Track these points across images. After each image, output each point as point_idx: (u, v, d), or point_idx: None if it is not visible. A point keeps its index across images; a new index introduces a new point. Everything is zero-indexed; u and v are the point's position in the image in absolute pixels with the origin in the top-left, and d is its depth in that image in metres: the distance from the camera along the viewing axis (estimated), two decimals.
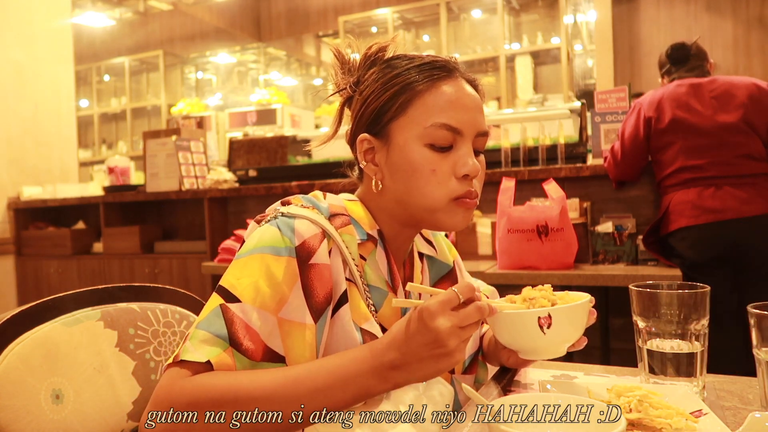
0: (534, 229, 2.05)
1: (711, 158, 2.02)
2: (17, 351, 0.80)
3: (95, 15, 7.01)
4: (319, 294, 0.74)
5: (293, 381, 0.67)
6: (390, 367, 0.67)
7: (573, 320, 0.72)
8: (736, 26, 5.18)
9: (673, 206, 2.05)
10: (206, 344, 0.69)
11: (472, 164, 0.79)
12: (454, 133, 0.79)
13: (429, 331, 0.64)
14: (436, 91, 0.81)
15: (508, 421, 0.61)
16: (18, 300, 3.66)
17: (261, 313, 0.71)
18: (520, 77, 5.81)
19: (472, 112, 0.81)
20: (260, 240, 0.76)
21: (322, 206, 0.82)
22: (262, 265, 0.73)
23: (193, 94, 7.87)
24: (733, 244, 1.98)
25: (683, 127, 2.05)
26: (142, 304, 0.98)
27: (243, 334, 0.70)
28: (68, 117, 4.07)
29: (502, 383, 0.87)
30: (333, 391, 0.67)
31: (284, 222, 0.77)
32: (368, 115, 0.84)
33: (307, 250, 0.75)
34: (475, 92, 0.84)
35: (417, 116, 0.80)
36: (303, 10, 7.34)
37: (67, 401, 0.83)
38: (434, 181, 0.79)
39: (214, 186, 3.14)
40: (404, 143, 0.80)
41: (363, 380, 0.67)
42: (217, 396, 0.66)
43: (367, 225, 0.83)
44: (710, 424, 0.63)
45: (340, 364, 0.68)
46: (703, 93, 2.08)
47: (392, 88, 0.82)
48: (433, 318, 0.64)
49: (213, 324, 0.70)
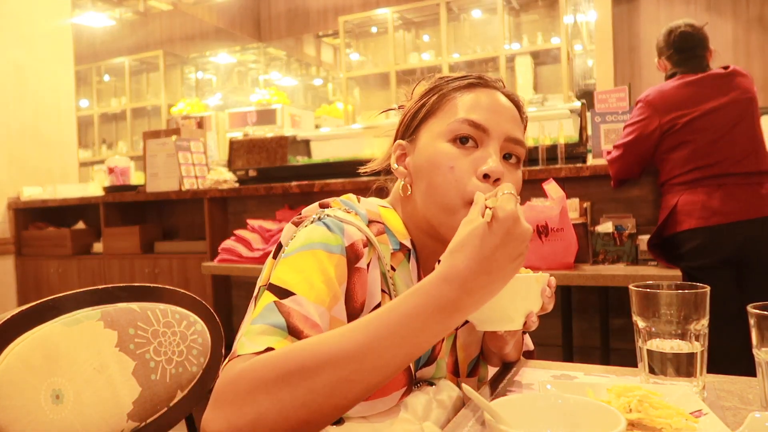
0: (534, 229, 2.04)
1: (721, 156, 2.02)
2: (17, 351, 0.80)
3: (95, 15, 7.00)
4: (358, 300, 0.73)
5: (365, 333, 0.59)
6: (473, 292, 0.60)
7: (516, 292, 0.71)
8: (736, 26, 5.18)
9: (681, 206, 2.04)
10: (264, 335, 0.63)
11: (493, 165, 0.75)
12: (478, 129, 0.77)
13: (516, 238, 0.60)
14: (467, 94, 0.80)
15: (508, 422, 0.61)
16: (18, 300, 3.66)
17: (317, 307, 0.67)
18: (520, 77, 5.81)
19: (503, 116, 0.79)
20: (309, 237, 0.73)
21: (361, 212, 0.80)
22: (315, 261, 0.70)
23: (193, 94, 7.87)
24: (740, 246, 1.98)
25: (696, 127, 2.06)
26: (142, 304, 0.98)
27: (303, 324, 0.65)
28: (68, 117, 4.07)
29: (502, 383, 0.87)
30: (413, 335, 0.59)
31: (333, 222, 0.75)
32: (405, 123, 0.85)
33: (355, 252, 0.74)
34: (510, 103, 0.82)
35: (444, 115, 0.80)
36: (303, 10, 7.34)
37: (67, 401, 0.83)
38: (452, 179, 0.76)
39: (214, 186, 3.14)
40: (429, 140, 0.80)
41: (441, 317, 0.59)
42: (283, 368, 0.58)
43: (401, 234, 0.82)
44: (710, 424, 0.63)
45: (414, 304, 0.60)
46: (713, 89, 2.09)
47: (426, 96, 0.83)
48: (517, 223, 0.60)
49: (268, 317, 0.65)
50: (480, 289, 0.60)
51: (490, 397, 0.81)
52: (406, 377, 0.77)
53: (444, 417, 0.79)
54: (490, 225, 0.60)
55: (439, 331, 0.61)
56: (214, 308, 0.99)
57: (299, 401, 0.57)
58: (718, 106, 2.07)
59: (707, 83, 2.11)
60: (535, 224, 2.04)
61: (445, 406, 0.80)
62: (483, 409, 0.61)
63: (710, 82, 2.11)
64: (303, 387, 0.57)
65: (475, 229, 0.60)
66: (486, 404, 0.60)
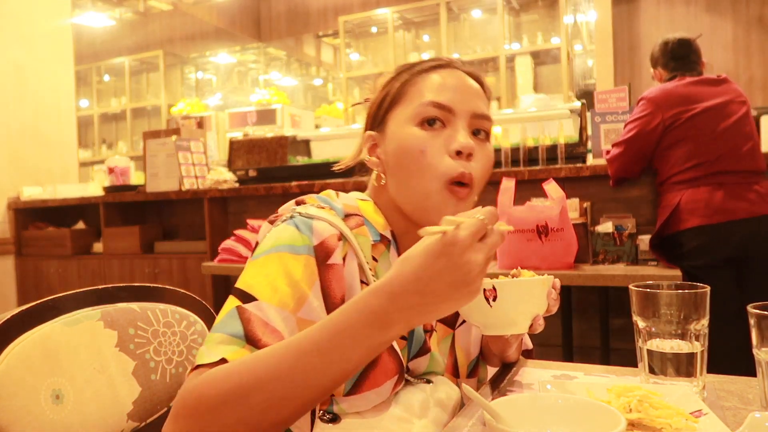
0: (534, 229, 2.05)
1: (721, 152, 2.04)
2: (17, 351, 0.80)
3: (95, 15, 7.00)
4: (337, 295, 0.73)
5: (296, 348, 0.60)
6: (404, 311, 0.57)
7: (521, 296, 0.73)
8: (736, 26, 5.17)
9: (683, 204, 2.05)
10: (222, 344, 0.65)
11: (463, 140, 0.77)
12: (444, 110, 0.78)
13: (460, 268, 0.56)
14: (427, 76, 0.81)
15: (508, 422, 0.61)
16: (18, 300, 3.66)
17: (280, 311, 0.68)
18: (520, 77, 5.81)
19: (464, 92, 0.80)
20: (277, 239, 0.73)
21: (336, 206, 0.80)
22: (280, 264, 0.71)
23: (193, 94, 7.86)
24: (742, 244, 1.99)
25: (697, 123, 2.07)
26: (142, 304, 0.98)
27: (262, 331, 0.66)
28: (68, 117, 4.07)
29: (502, 383, 0.87)
30: (342, 348, 0.59)
31: (302, 221, 0.75)
32: (372, 115, 0.86)
33: (325, 250, 0.73)
34: (474, 82, 0.83)
35: (408, 100, 0.80)
36: (303, 10, 7.34)
37: (67, 401, 0.83)
38: (425, 161, 0.77)
39: (214, 186, 3.14)
40: (396, 128, 0.81)
41: (370, 331, 0.58)
42: (222, 388, 0.60)
43: (380, 225, 0.82)
44: (710, 424, 0.63)
45: (343, 319, 0.59)
46: (711, 89, 2.13)
47: (389, 84, 0.84)
48: (465, 252, 0.56)
49: (228, 325, 0.67)
50: (409, 308, 0.57)
51: (490, 397, 0.81)
52: (396, 366, 0.76)
53: (442, 416, 0.79)
54: (440, 246, 0.57)
55: (371, 346, 0.59)
56: (214, 308, 0.99)
57: (238, 418, 0.59)
58: (718, 105, 2.10)
59: (706, 84, 2.16)
60: (535, 224, 2.05)
61: (444, 405, 0.80)
62: (483, 409, 0.61)
63: (708, 83, 2.16)
64: (241, 405, 0.59)
65: (427, 246, 0.57)
66: (486, 404, 0.60)
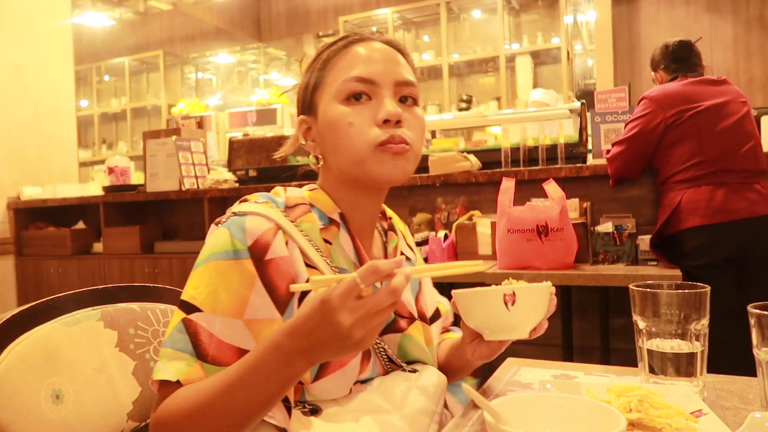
0: (534, 229, 2.05)
1: (722, 151, 2.04)
2: (17, 351, 0.80)
3: (95, 15, 7.00)
4: (281, 287, 0.74)
5: (226, 384, 0.66)
6: (300, 352, 0.62)
7: (536, 301, 0.76)
8: (736, 26, 5.17)
9: (684, 204, 2.04)
10: (175, 361, 0.69)
11: (390, 108, 0.78)
12: (367, 83, 0.79)
13: (330, 325, 0.59)
14: (346, 52, 0.82)
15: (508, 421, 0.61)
16: (18, 300, 3.66)
17: (224, 320, 0.71)
18: (520, 77, 5.81)
19: (385, 62, 0.81)
20: (212, 247, 0.75)
21: (278, 200, 0.81)
22: (217, 273, 0.73)
23: (193, 94, 7.86)
24: (742, 244, 1.99)
25: (699, 121, 2.08)
26: (142, 304, 0.98)
27: (208, 343, 0.70)
28: (68, 117, 4.07)
29: (502, 383, 0.87)
30: (256, 382, 0.64)
31: (235, 223, 0.76)
32: (300, 100, 0.87)
33: (261, 247, 0.74)
34: (392, 49, 0.84)
35: (331, 79, 0.82)
36: (303, 10, 7.34)
37: (67, 401, 0.83)
38: (353, 133, 0.78)
39: (214, 186, 3.14)
40: (324, 107, 0.82)
41: (278, 366, 0.64)
42: (174, 417, 0.67)
43: (328, 209, 0.83)
44: (710, 424, 0.63)
45: (257, 356, 0.65)
46: (714, 88, 2.14)
47: (312, 67, 0.85)
48: (334, 312, 0.59)
49: (177, 340, 0.70)
50: (303, 349, 0.62)
51: (490, 397, 0.81)
52: None
53: (425, 403, 0.80)
54: (317, 303, 0.61)
55: (281, 379, 0.64)
56: None
57: None
58: (719, 104, 2.10)
59: (707, 84, 2.16)
60: (535, 224, 2.05)
61: (427, 392, 0.81)
62: (483, 409, 0.61)
63: (709, 83, 2.17)
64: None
65: (312, 297, 0.63)
66: (486, 404, 0.60)
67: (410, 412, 0.78)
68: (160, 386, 0.70)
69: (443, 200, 2.60)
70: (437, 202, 2.61)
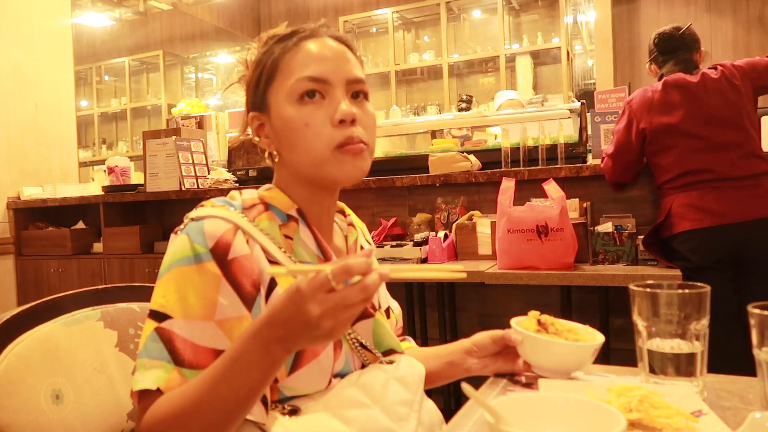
0: (534, 229, 2.05)
1: (711, 162, 2.01)
2: (17, 351, 0.80)
3: (95, 15, 6.99)
4: (246, 284, 0.75)
5: (209, 381, 0.67)
6: (277, 341, 0.64)
7: (579, 357, 0.85)
8: (736, 26, 5.17)
9: (675, 209, 2.04)
10: (153, 369, 0.70)
11: (345, 108, 0.79)
12: (319, 83, 0.80)
13: (302, 314, 0.61)
14: (297, 50, 0.82)
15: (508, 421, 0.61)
16: (18, 300, 3.66)
17: (196, 323, 0.71)
18: (520, 77, 5.81)
19: (335, 60, 0.81)
20: (174, 254, 0.76)
21: (234, 203, 0.82)
22: (183, 278, 0.73)
23: (193, 94, 7.86)
24: (735, 247, 1.98)
25: (679, 132, 2.05)
26: (142, 304, 0.98)
27: (184, 349, 0.70)
28: (68, 117, 4.07)
29: (502, 383, 0.87)
30: (239, 374, 0.65)
31: (193, 228, 0.76)
32: (251, 94, 0.87)
33: (222, 247, 0.75)
34: (341, 45, 0.84)
35: (284, 77, 0.81)
36: (303, 10, 7.34)
37: (67, 401, 0.83)
38: (310, 134, 0.79)
39: (215, 186, 3.14)
40: (278, 106, 0.82)
41: (257, 355, 0.65)
42: (163, 422, 0.67)
43: (285, 206, 0.84)
44: (710, 424, 0.63)
45: (238, 348, 0.66)
46: (694, 94, 2.07)
47: (262, 62, 0.84)
48: (305, 302, 0.60)
49: (153, 349, 0.71)
50: (280, 338, 0.63)
51: (491, 397, 0.81)
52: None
53: (405, 394, 0.81)
54: (291, 292, 0.62)
55: (262, 367, 0.65)
56: None
57: None
58: (695, 115, 2.04)
59: (684, 87, 2.08)
60: (535, 224, 2.05)
61: (406, 382, 0.82)
62: (483, 409, 0.61)
63: (687, 86, 2.08)
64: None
65: (288, 288, 0.63)
66: (486, 404, 0.60)
67: (390, 404, 0.79)
68: (140, 397, 0.70)
69: (443, 200, 2.60)
70: (437, 202, 2.61)
